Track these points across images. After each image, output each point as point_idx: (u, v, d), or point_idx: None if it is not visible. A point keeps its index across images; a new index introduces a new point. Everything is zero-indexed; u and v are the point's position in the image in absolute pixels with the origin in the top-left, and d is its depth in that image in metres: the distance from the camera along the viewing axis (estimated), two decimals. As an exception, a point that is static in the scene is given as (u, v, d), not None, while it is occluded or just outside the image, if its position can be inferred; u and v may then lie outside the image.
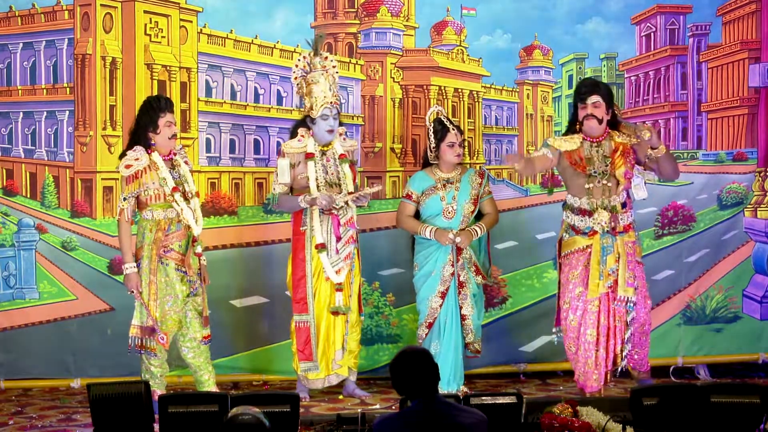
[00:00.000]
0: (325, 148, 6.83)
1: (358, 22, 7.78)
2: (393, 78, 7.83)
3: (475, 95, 7.97)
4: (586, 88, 6.56)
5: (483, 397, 5.16)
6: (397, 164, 7.79)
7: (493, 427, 4.49)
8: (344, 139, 6.97)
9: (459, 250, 6.90)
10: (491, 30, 7.90)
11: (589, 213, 6.53)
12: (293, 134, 6.89)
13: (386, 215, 7.53)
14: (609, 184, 6.52)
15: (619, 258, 6.50)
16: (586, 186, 6.55)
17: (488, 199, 7.05)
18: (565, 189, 6.90)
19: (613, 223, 6.49)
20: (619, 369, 6.66)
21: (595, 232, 6.50)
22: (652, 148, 6.47)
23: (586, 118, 6.55)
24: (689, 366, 7.77)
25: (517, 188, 7.96)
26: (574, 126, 6.68)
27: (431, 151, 6.98)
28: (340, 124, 6.97)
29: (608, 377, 6.64)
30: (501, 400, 5.18)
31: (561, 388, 7.25)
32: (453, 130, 6.93)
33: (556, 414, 5.69)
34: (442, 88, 7.89)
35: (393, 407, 6.39)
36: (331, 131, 6.79)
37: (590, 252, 6.53)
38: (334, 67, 6.87)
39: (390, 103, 7.82)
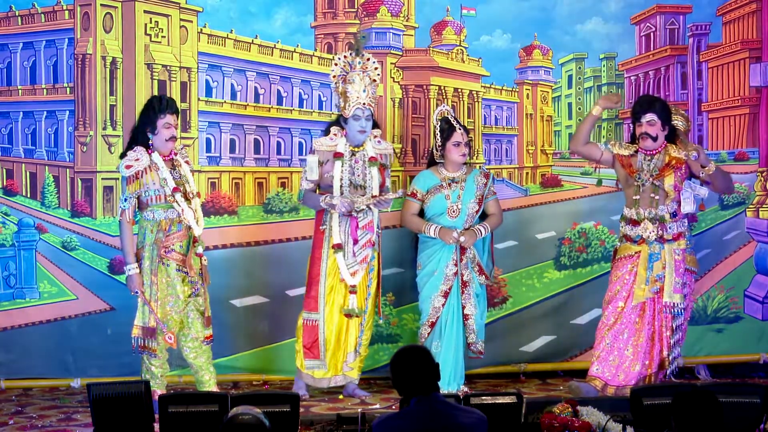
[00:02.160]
0: (356, 149, 6.83)
1: (358, 22, 7.78)
2: (393, 78, 7.83)
3: (475, 95, 7.97)
4: (641, 106, 6.69)
5: (483, 397, 5.16)
6: (397, 164, 7.79)
7: (493, 427, 4.49)
8: (378, 141, 6.96)
9: (462, 250, 6.90)
10: (491, 30, 7.90)
11: (637, 223, 6.63)
12: (327, 132, 6.90)
13: (386, 215, 7.51)
14: (656, 197, 6.62)
15: (665, 265, 6.56)
16: (635, 197, 6.67)
17: (493, 200, 7.06)
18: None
19: (660, 232, 6.57)
20: (669, 373, 6.73)
21: (644, 240, 6.60)
22: (702, 166, 6.57)
23: (641, 136, 6.65)
24: (690, 366, 7.77)
25: (518, 188, 7.96)
26: (633, 142, 6.78)
27: (437, 150, 6.98)
28: (376, 126, 6.96)
29: (651, 380, 6.68)
30: (501, 399, 5.18)
31: (561, 388, 7.25)
32: (459, 129, 6.93)
33: (556, 414, 5.69)
34: (442, 87, 7.89)
35: (393, 407, 6.39)
36: (362, 132, 6.80)
37: (638, 257, 6.63)
38: (376, 69, 6.87)
39: (390, 103, 7.82)
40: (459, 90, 7.93)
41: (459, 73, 7.92)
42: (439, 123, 6.98)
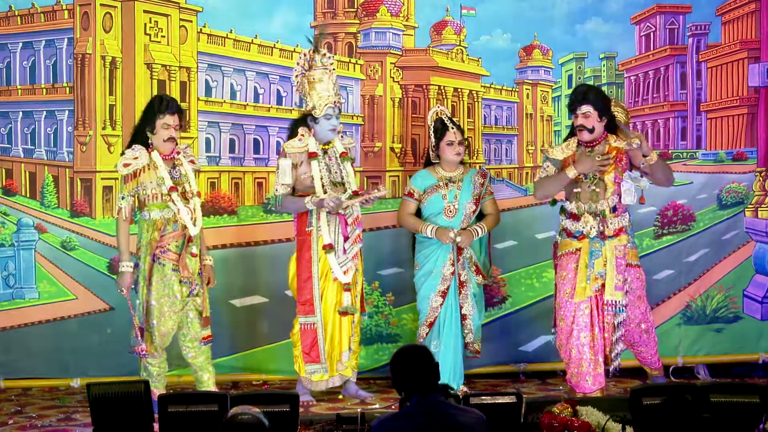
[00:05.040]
0: (326, 147, 6.81)
1: (358, 21, 7.78)
2: (392, 78, 7.83)
3: (475, 95, 7.97)
4: (575, 98, 6.55)
5: (483, 397, 5.15)
6: (397, 164, 7.80)
7: (493, 427, 4.49)
8: (342, 137, 6.95)
9: (459, 250, 6.90)
10: (491, 30, 7.90)
11: (578, 217, 6.57)
12: (292, 133, 6.85)
13: (385, 215, 7.53)
14: (597, 189, 6.53)
15: (606, 262, 6.52)
16: (575, 190, 6.58)
17: (490, 200, 7.05)
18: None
19: (601, 227, 6.51)
20: (611, 370, 6.66)
21: (584, 236, 6.54)
22: (644, 156, 6.49)
23: (577, 128, 6.57)
24: (689, 366, 7.78)
25: (517, 188, 7.96)
26: (573, 132, 6.70)
27: (433, 150, 6.99)
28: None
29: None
30: (501, 399, 5.18)
31: (561, 387, 7.25)
32: (452, 128, 6.93)
33: (555, 414, 5.68)
34: (442, 87, 7.89)
35: (393, 407, 6.39)
36: (333, 130, 6.78)
37: (579, 255, 6.56)
38: (331, 64, 6.85)
39: (390, 103, 7.83)
40: (459, 90, 7.94)
41: (459, 72, 7.92)
42: (434, 123, 6.99)
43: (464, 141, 7.02)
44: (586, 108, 6.49)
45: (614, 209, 6.55)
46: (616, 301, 6.52)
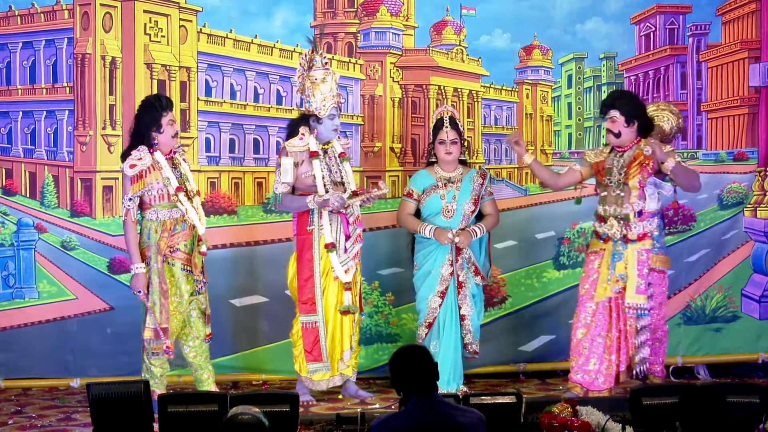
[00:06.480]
0: (326, 147, 6.81)
1: (358, 21, 7.78)
2: (392, 77, 7.83)
3: (475, 95, 7.97)
4: (604, 103, 6.68)
5: (482, 397, 5.16)
6: (397, 164, 7.80)
7: (493, 427, 4.49)
8: (339, 137, 6.95)
9: (458, 250, 6.90)
10: (491, 30, 7.90)
11: (604, 220, 6.61)
12: (292, 132, 6.85)
13: (385, 215, 7.53)
14: (622, 194, 6.57)
15: (628, 266, 6.53)
16: (602, 194, 6.65)
17: (489, 200, 7.04)
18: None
19: (624, 231, 6.53)
20: (635, 373, 6.69)
21: (609, 239, 6.56)
22: (661, 163, 6.52)
23: (606, 131, 6.66)
24: (689, 366, 7.78)
25: (517, 188, 7.96)
26: None
27: (432, 150, 7.00)
28: None
29: (619, 379, 6.65)
30: (500, 399, 5.18)
31: (560, 387, 7.25)
32: (445, 127, 6.92)
33: (555, 413, 5.69)
34: (442, 87, 7.89)
35: (393, 407, 6.39)
36: (336, 130, 6.79)
37: (603, 255, 6.60)
38: (326, 63, 6.85)
39: (389, 103, 7.83)
40: (459, 90, 7.94)
41: (459, 72, 7.92)
42: (434, 122, 7.00)
43: (459, 141, 6.96)
44: (612, 113, 6.59)
45: (639, 213, 6.57)
46: (637, 305, 6.55)
